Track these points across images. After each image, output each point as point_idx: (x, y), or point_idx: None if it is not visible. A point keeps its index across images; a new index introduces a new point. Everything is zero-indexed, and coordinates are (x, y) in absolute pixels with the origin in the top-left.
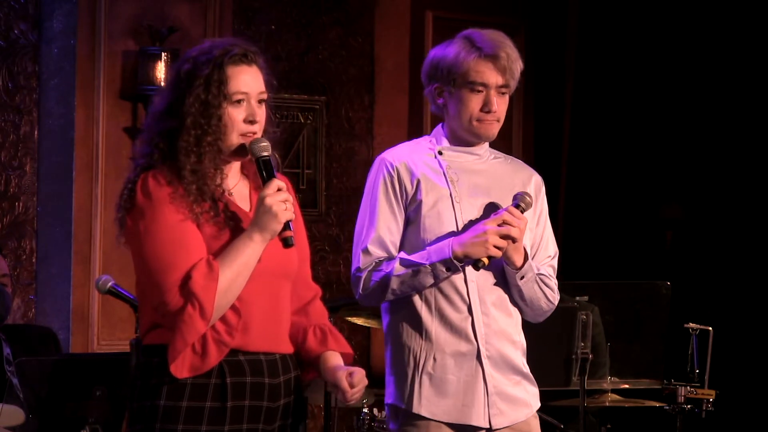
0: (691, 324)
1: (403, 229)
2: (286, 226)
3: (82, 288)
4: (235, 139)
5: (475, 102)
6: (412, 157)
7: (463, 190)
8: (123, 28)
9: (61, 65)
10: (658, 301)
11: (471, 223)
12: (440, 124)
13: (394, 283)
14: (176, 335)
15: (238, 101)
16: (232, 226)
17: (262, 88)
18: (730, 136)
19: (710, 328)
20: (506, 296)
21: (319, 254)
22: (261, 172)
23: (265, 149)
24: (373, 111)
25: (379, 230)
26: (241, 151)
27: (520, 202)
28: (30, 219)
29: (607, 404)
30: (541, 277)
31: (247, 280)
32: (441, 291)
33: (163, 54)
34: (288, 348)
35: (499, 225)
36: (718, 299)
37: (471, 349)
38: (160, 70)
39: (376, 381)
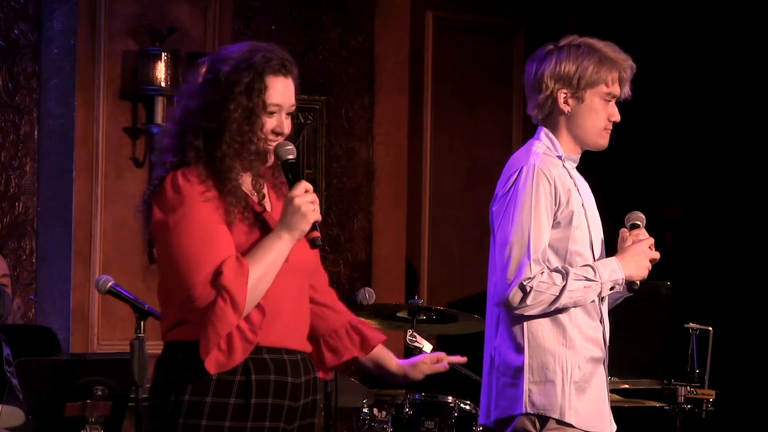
0: (691, 324)
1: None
2: (314, 226)
3: (82, 288)
4: (261, 147)
5: (605, 111)
6: (555, 167)
7: (585, 199)
8: (123, 28)
9: (61, 65)
10: (658, 301)
11: (596, 233)
12: (543, 131)
13: (566, 297)
14: (208, 329)
15: (272, 112)
16: (260, 227)
17: (293, 100)
18: (730, 136)
19: (710, 328)
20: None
21: (320, 254)
22: (287, 174)
23: (291, 152)
24: (373, 111)
25: (543, 240)
26: (263, 158)
27: (641, 223)
28: (30, 219)
29: None
30: None
31: (273, 279)
32: None
33: (163, 54)
34: (308, 347)
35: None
36: (718, 299)
37: (602, 356)
38: (160, 70)
39: (376, 381)
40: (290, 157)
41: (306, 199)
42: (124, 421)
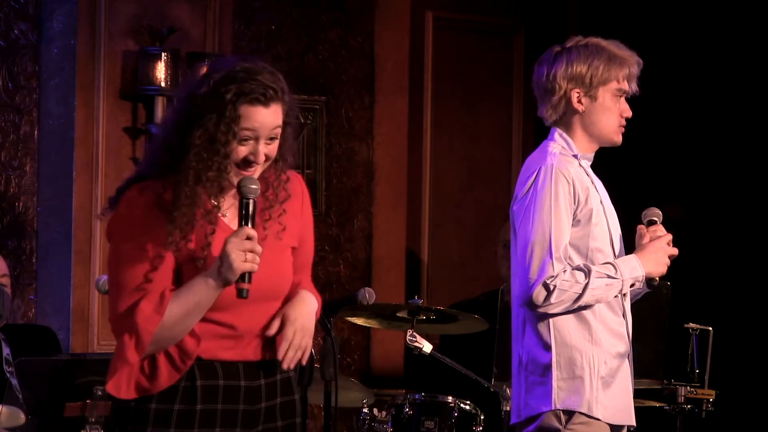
0: (691, 324)
1: None
2: (243, 277)
3: (82, 288)
4: (232, 176)
5: (617, 108)
6: (572, 166)
7: (602, 196)
8: (123, 28)
9: (61, 65)
10: (658, 301)
11: (615, 230)
12: (557, 132)
13: (588, 294)
14: (113, 359)
15: (245, 139)
16: (210, 253)
17: (275, 123)
18: (730, 136)
19: (710, 328)
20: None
21: (320, 254)
22: (240, 213)
23: (252, 192)
24: (373, 111)
25: (564, 239)
26: (222, 187)
27: (658, 219)
28: (30, 219)
29: None
30: None
31: (200, 317)
32: None
33: (163, 54)
34: (273, 353)
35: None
36: (718, 299)
37: (626, 351)
38: (160, 70)
39: (376, 381)
40: (250, 196)
41: (241, 247)
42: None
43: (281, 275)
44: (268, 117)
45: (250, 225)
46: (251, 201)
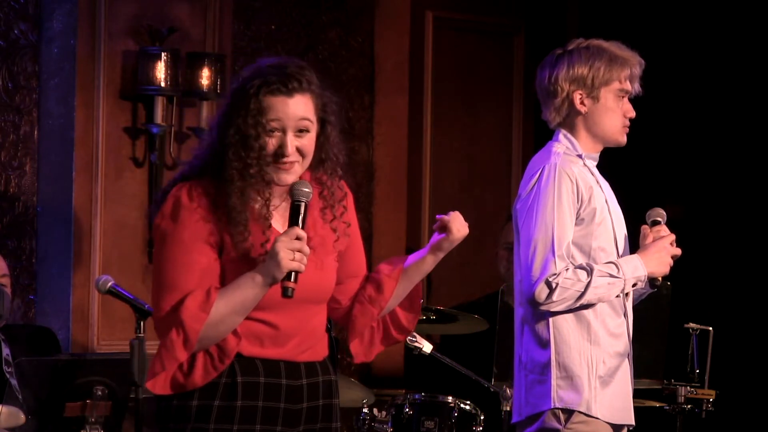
0: (691, 324)
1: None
2: (288, 276)
3: (82, 288)
4: (270, 170)
5: (621, 108)
6: (576, 165)
7: (607, 196)
8: (123, 28)
9: (61, 65)
10: (658, 301)
11: (620, 229)
12: (561, 132)
13: (590, 293)
14: (156, 356)
15: (273, 130)
16: (258, 254)
17: (302, 115)
18: (730, 136)
19: (710, 328)
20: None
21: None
22: (290, 214)
23: (303, 195)
24: (373, 111)
25: (567, 237)
26: (266, 181)
27: (662, 220)
28: (30, 219)
29: None
30: None
31: (245, 316)
32: None
33: (163, 54)
34: (315, 356)
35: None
36: (718, 299)
37: (625, 350)
38: (160, 70)
39: (376, 381)
40: (301, 199)
41: (289, 246)
42: (124, 421)
43: (327, 278)
44: (292, 107)
45: (300, 226)
46: (302, 204)
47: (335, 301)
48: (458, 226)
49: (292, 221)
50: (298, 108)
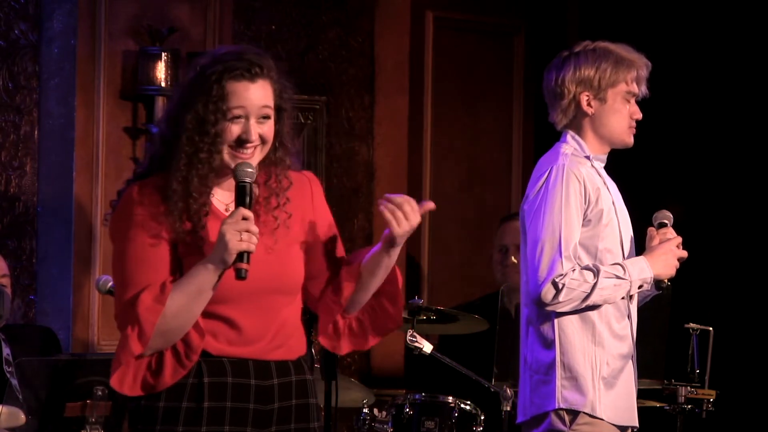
0: (691, 324)
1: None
2: (240, 257)
3: (82, 288)
4: (226, 157)
5: (627, 110)
6: (584, 166)
7: (614, 197)
8: (123, 28)
9: (61, 65)
10: (658, 301)
11: (626, 231)
12: (569, 134)
13: (596, 294)
14: (116, 352)
15: (236, 117)
16: (207, 239)
17: (264, 102)
18: (730, 136)
19: (710, 328)
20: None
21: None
22: (236, 196)
23: (247, 175)
24: (373, 111)
25: (573, 237)
26: (218, 170)
27: (669, 222)
28: (30, 219)
29: None
30: None
31: (204, 305)
32: None
33: (163, 54)
34: (287, 354)
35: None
36: (718, 299)
37: (629, 352)
38: (160, 70)
39: (376, 381)
40: (246, 179)
41: (236, 227)
42: (124, 421)
43: (288, 267)
44: (255, 93)
45: (248, 207)
46: (247, 185)
47: (309, 296)
48: (400, 219)
49: (239, 202)
50: (260, 94)
